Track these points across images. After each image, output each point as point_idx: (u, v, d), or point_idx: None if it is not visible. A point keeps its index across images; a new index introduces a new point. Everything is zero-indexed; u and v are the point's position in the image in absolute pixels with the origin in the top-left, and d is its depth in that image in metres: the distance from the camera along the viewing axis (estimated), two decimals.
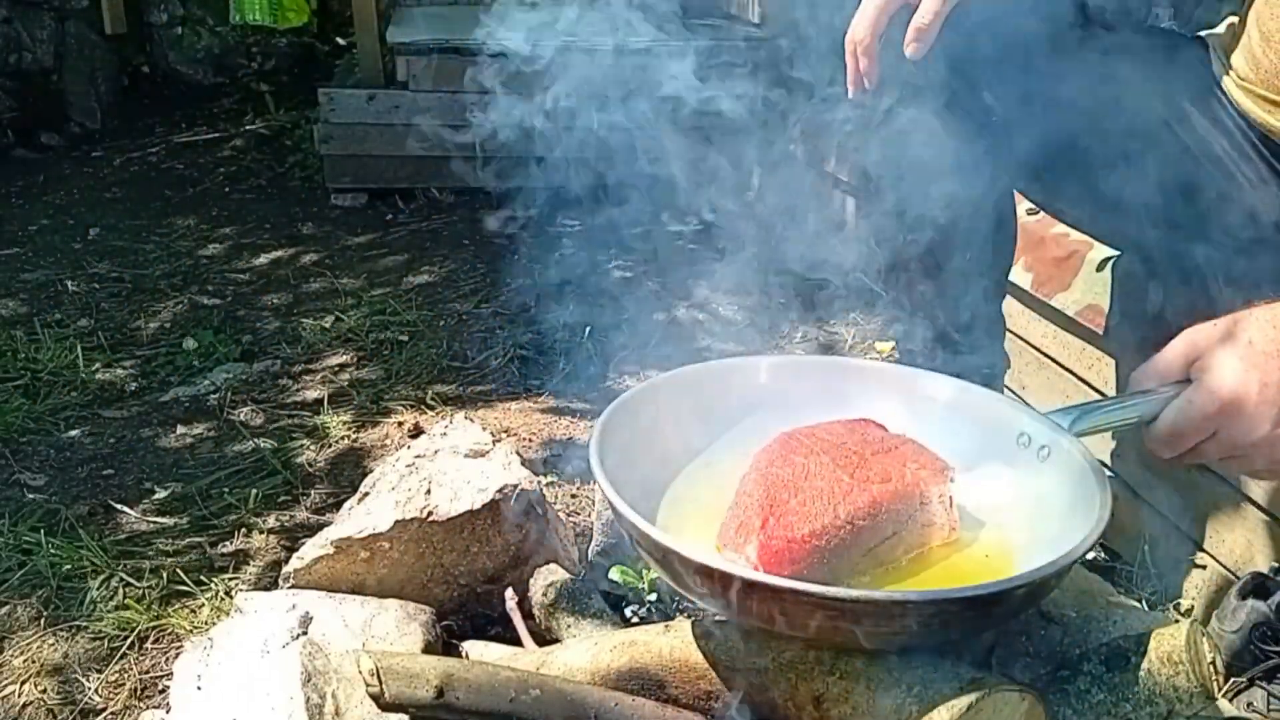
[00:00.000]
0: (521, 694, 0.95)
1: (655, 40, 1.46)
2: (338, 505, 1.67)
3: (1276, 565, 1.34)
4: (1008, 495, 1.04)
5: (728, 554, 0.94)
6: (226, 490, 1.85)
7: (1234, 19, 1.32)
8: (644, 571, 1.29)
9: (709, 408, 1.13)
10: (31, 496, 1.85)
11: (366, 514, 1.31)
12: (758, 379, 1.17)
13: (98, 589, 1.56)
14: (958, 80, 1.28)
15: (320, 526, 1.44)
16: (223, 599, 1.53)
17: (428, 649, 1.20)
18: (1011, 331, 1.81)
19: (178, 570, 1.61)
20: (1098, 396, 1.68)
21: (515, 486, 1.32)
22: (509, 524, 1.31)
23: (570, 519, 1.71)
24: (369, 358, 2.41)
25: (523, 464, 1.38)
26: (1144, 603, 1.46)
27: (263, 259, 3.12)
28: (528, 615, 1.25)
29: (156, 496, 1.86)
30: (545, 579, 1.26)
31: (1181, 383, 0.90)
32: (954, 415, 1.11)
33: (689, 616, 1.13)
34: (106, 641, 1.46)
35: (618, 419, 1.05)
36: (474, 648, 1.20)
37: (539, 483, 1.37)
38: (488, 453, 1.40)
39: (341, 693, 1.05)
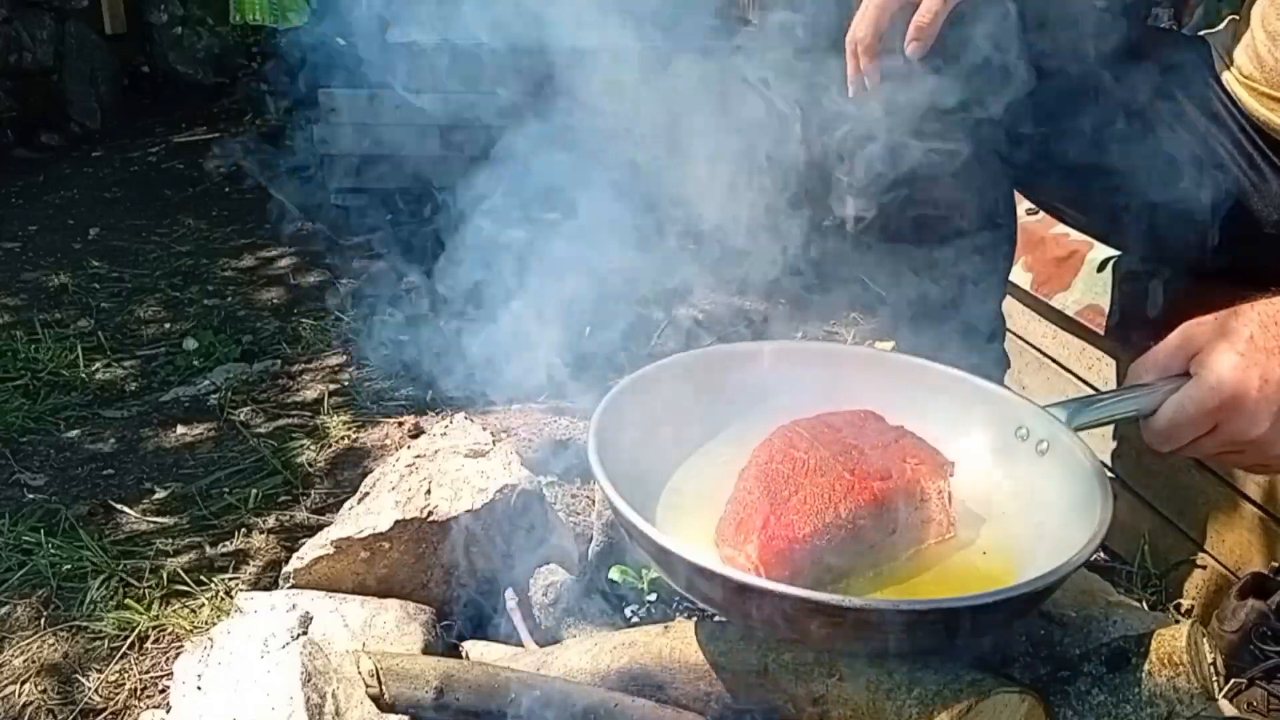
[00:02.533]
0: (521, 694, 0.94)
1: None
2: (338, 505, 1.67)
3: (1276, 565, 1.34)
4: (1005, 490, 1.03)
5: (726, 551, 0.93)
6: (226, 490, 1.85)
7: (1234, 18, 1.32)
8: (644, 571, 1.28)
9: (707, 395, 1.11)
10: (31, 496, 1.85)
11: (366, 514, 1.31)
12: (756, 366, 1.16)
13: (98, 589, 1.56)
14: (957, 79, 1.28)
15: (320, 526, 1.44)
16: (223, 599, 1.53)
17: (428, 649, 1.20)
18: (1011, 331, 1.81)
19: (178, 570, 1.61)
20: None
21: (515, 486, 1.32)
22: (509, 524, 1.31)
23: (570, 519, 1.71)
24: (369, 357, 2.41)
25: (523, 464, 1.38)
26: (1144, 603, 1.46)
27: (262, 259, 3.12)
28: (528, 615, 1.24)
29: (156, 496, 1.86)
30: (545, 579, 1.26)
31: (1179, 376, 0.90)
32: (952, 406, 1.10)
33: (689, 617, 1.13)
34: (106, 641, 1.46)
35: (615, 407, 1.03)
36: (474, 648, 1.20)
37: (539, 483, 1.37)
38: (488, 453, 1.40)
39: (341, 693, 1.04)
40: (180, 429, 2.10)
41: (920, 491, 0.98)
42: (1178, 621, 1.09)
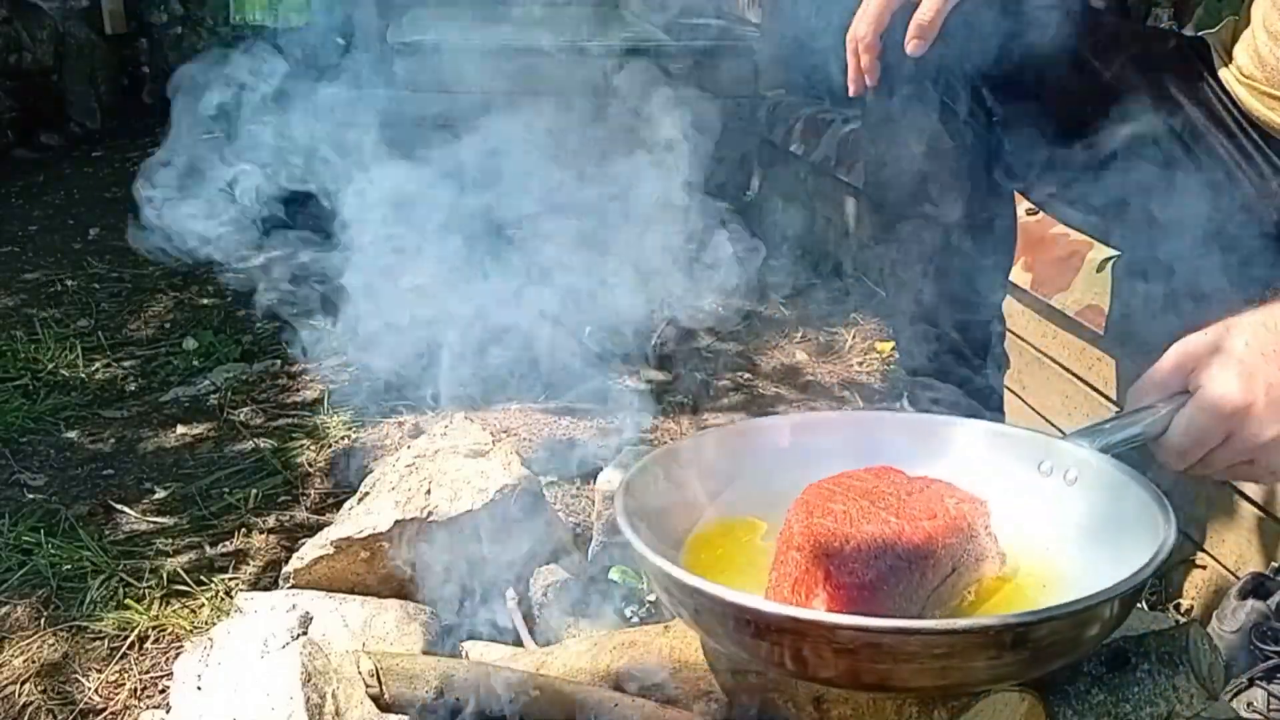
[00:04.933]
0: (521, 694, 0.94)
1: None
2: (338, 505, 1.67)
3: (1276, 565, 1.34)
4: (1041, 526, 1.00)
5: None
6: (226, 490, 1.85)
7: (1234, 18, 1.32)
8: (643, 571, 1.28)
9: (728, 467, 1.08)
10: (31, 496, 1.85)
11: (366, 514, 1.31)
12: (775, 439, 1.12)
13: (98, 589, 1.56)
14: (958, 78, 1.28)
15: (320, 526, 1.44)
16: (223, 599, 1.53)
17: (428, 649, 1.20)
18: (1011, 331, 1.81)
19: (178, 570, 1.61)
20: (1098, 397, 1.68)
21: (515, 486, 1.32)
22: (509, 524, 1.31)
23: (570, 519, 1.71)
24: (369, 357, 2.41)
25: (523, 464, 1.38)
26: (1144, 603, 1.46)
27: (262, 259, 3.12)
28: (528, 615, 1.24)
29: (156, 496, 1.86)
30: (545, 579, 1.26)
31: (1179, 394, 0.89)
32: (967, 454, 1.07)
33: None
34: (106, 641, 1.46)
35: (640, 483, 0.99)
36: (474, 648, 1.20)
37: (539, 483, 1.37)
38: (488, 453, 1.40)
39: (341, 693, 1.04)
40: (180, 429, 2.10)
41: (969, 527, 0.94)
42: (1178, 621, 1.09)
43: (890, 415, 1.27)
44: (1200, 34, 1.38)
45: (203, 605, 1.53)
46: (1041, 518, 1.00)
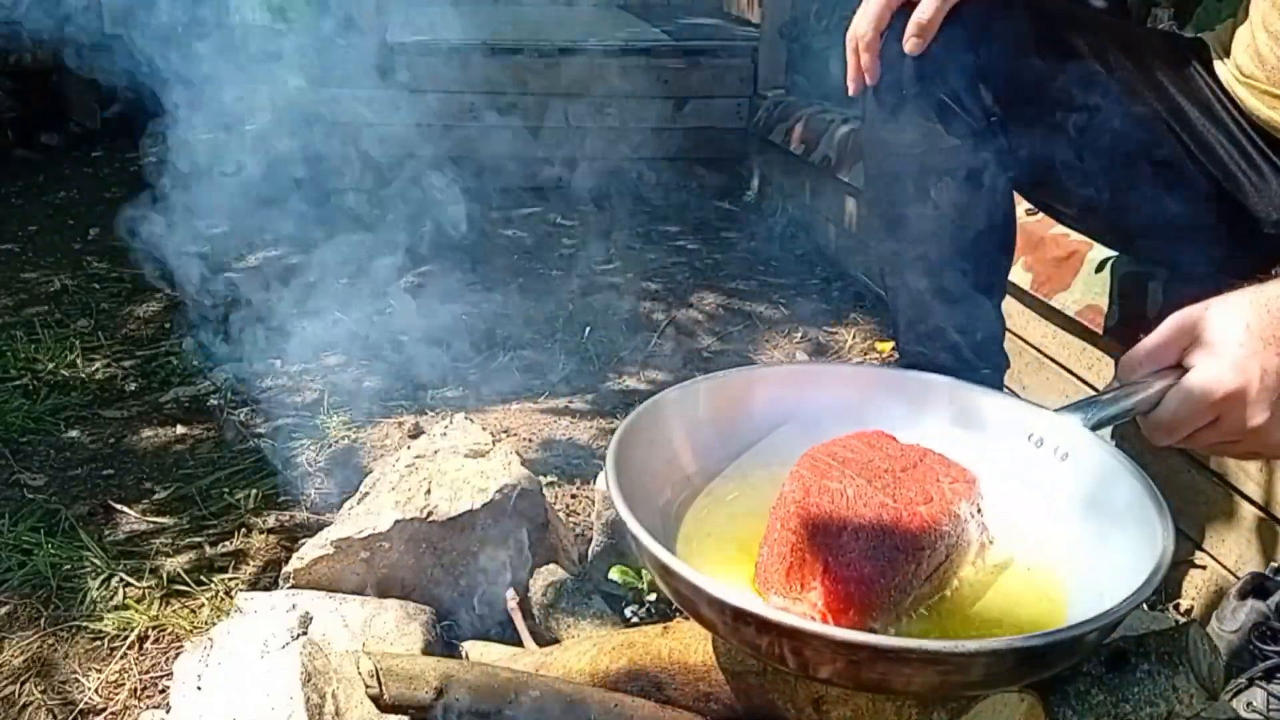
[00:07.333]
0: (521, 695, 0.94)
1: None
2: (338, 505, 1.67)
3: (1276, 565, 1.34)
4: (1027, 500, 0.99)
5: (775, 600, 0.87)
6: (226, 490, 1.85)
7: (1234, 19, 1.32)
8: (644, 572, 1.29)
9: (720, 423, 1.07)
10: (31, 496, 1.85)
11: (366, 514, 1.31)
12: (764, 391, 1.10)
13: (98, 589, 1.56)
14: (957, 77, 1.28)
15: (320, 526, 1.44)
16: (223, 599, 1.53)
17: (428, 649, 1.20)
18: (1011, 331, 1.81)
19: (178, 570, 1.61)
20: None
21: (515, 486, 1.32)
22: (509, 524, 1.31)
23: (570, 519, 1.71)
24: (369, 358, 2.41)
25: (523, 464, 1.38)
26: (1144, 603, 1.46)
27: (262, 259, 3.12)
28: (528, 615, 1.25)
29: (156, 496, 1.86)
30: (545, 579, 1.26)
31: (1173, 369, 0.88)
32: (957, 418, 1.06)
33: (688, 618, 1.13)
34: (106, 641, 1.46)
35: (631, 439, 0.97)
36: (474, 648, 1.20)
37: (539, 483, 1.37)
38: (488, 453, 1.40)
39: (341, 693, 1.05)
40: (180, 429, 2.10)
41: (962, 511, 0.93)
42: (1178, 621, 1.09)
43: (881, 371, 1.26)
44: (1200, 34, 1.38)
45: (203, 605, 1.53)
46: (1033, 496, 0.99)
